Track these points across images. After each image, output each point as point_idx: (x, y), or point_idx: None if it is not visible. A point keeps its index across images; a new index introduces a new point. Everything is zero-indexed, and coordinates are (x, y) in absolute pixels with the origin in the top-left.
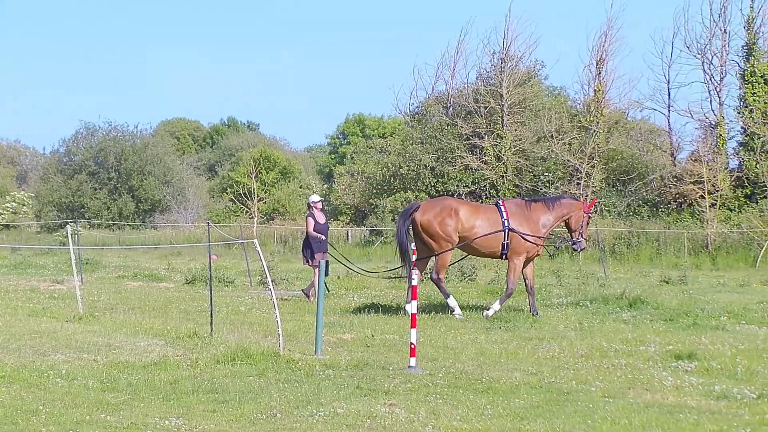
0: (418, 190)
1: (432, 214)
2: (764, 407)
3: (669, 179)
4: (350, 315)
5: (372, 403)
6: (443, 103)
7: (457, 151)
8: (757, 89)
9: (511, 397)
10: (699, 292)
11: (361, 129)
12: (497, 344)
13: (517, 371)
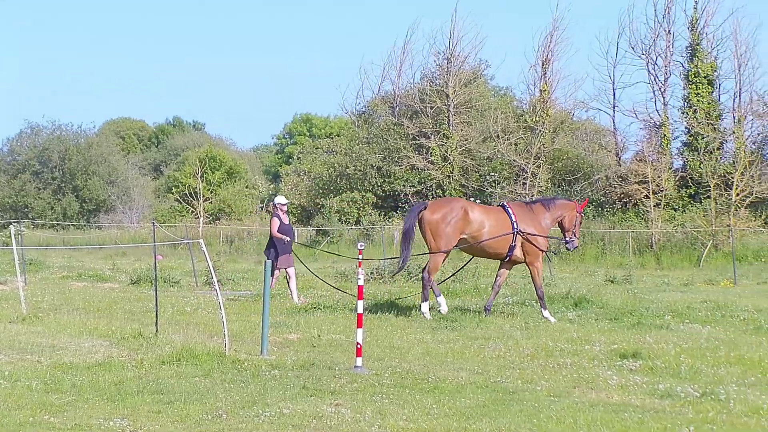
0: (364, 190)
1: (441, 214)
2: (707, 405)
3: (614, 179)
4: (296, 315)
5: (318, 403)
6: (390, 103)
7: (403, 151)
8: (701, 90)
9: (457, 397)
10: (644, 291)
11: (308, 128)
12: (444, 344)
13: (463, 371)
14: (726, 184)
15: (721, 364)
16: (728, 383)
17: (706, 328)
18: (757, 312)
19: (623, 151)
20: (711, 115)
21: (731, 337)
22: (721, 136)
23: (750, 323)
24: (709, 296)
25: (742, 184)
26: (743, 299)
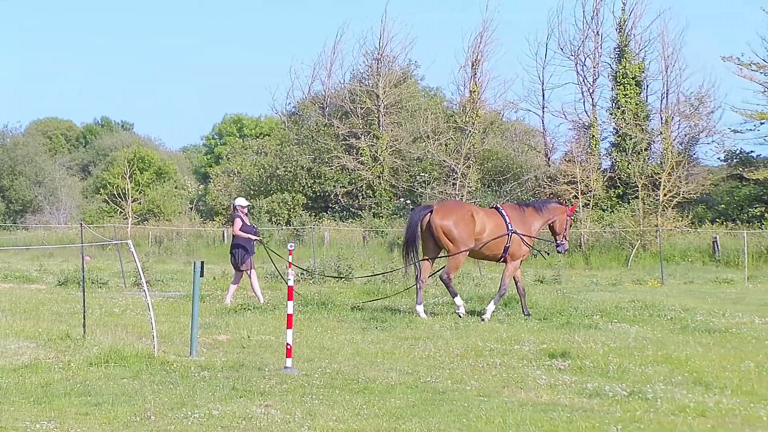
0: (295, 191)
1: (453, 219)
2: (635, 404)
3: (543, 179)
4: (226, 316)
5: (248, 404)
6: (320, 104)
7: (333, 152)
8: (629, 91)
9: (387, 397)
10: (572, 291)
11: (238, 129)
12: (374, 344)
13: (393, 371)
14: (653, 184)
15: (649, 363)
16: (655, 382)
17: (634, 328)
18: (683, 311)
19: (552, 152)
20: (639, 116)
21: (659, 336)
22: (649, 137)
23: (677, 322)
24: (637, 296)
25: (670, 185)
26: (670, 299)
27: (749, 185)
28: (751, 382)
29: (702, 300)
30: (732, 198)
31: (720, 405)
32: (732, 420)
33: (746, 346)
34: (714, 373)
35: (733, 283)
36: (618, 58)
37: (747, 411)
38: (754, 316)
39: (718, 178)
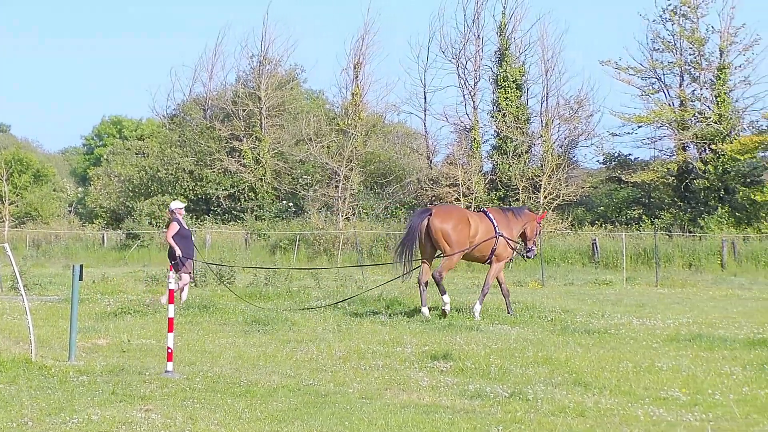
0: (176, 194)
1: (452, 223)
2: (516, 405)
3: (425, 182)
4: (106, 320)
5: (128, 408)
6: (202, 106)
7: (216, 155)
8: (510, 94)
9: (269, 400)
10: (454, 292)
11: (118, 130)
12: (255, 347)
13: (275, 374)
14: (534, 186)
15: (530, 364)
16: (536, 383)
17: (515, 329)
18: (564, 312)
19: (434, 154)
20: (519, 119)
21: (539, 337)
22: (530, 140)
23: (557, 324)
24: (518, 297)
25: (550, 187)
26: (551, 300)
27: (627, 188)
28: (629, 382)
29: (582, 301)
30: (611, 200)
31: (599, 405)
32: (610, 420)
33: (624, 346)
34: (593, 374)
35: (612, 284)
36: (499, 61)
37: (625, 411)
38: (632, 317)
39: (597, 180)
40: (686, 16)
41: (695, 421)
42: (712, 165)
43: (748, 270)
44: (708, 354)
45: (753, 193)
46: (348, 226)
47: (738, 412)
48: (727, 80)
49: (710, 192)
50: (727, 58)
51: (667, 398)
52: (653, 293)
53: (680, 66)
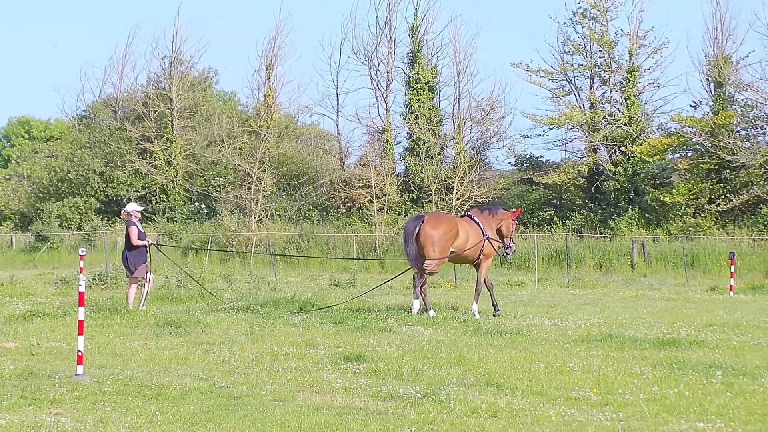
0: (87, 195)
1: (442, 231)
2: (429, 406)
3: (338, 183)
4: (14, 323)
5: (37, 412)
6: (112, 107)
7: (126, 156)
8: (422, 96)
9: (181, 403)
10: (368, 294)
11: (26, 131)
12: (167, 350)
13: (187, 376)
14: (447, 188)
15: (443, 366)
16: (449, 384)
17: (429, 330)
18: (477, 313)
19: (347, 156)
20: (432, 121)
21: (452, 338)
22: (442, 142)
23: (470, 325)
24: (432, 299)
25: (462, 189)
26: (464, 301)
27: (539, 189)
28: (541, 382)
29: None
30: (522, 202)
31: (511, 405)
32: (522, 420)
33: (536, 347)
34: (505, 374)
35: (524, 285)
36: (411, 63)
37: (537, 411)
38: (544, 318)
39: (509, 182)
40: (596, 19)
41: (606, 421)
42: (622, 167)
43: (657, 271)
44: (618, 354)
45: (662, 195)
46: (261, 227)
47: (648, 412)
48: (637, 83)
49: (620, 193)
50: (636, 60)
51: (579, 398)
52: (565, 294)
53: (590, 68)
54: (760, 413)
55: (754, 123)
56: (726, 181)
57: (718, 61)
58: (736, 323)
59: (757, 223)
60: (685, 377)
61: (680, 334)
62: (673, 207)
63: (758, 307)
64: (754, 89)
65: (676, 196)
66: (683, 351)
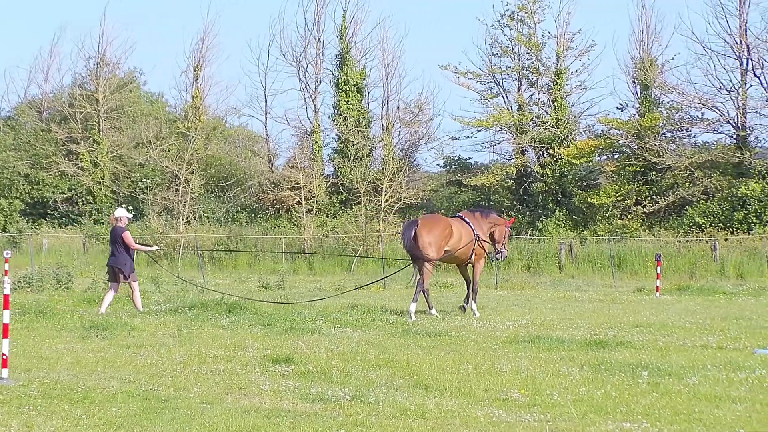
0: (12, 198)
1: (438, 232)
2: (358, 408)
3: (267, 185)
4: None
5: None
6: (38, 108)
7: (52, 158)
8: (351, 97)
9: (107, 406)
10: (296, 296)
11: None
12: (94, 353)
13: (114, 379)
14: (375, 190)
15: (371, 367)
16: (378, 386)
17: (357, 332)
18: (405, 315)
19: (276, 158)
20: (361, 123)
21: (381, 340)
22: (371, 143)
23: (399, 326)
24: (360, 301)
25: (391, 191)
26: (392, 303)
27: (467, 191)
28: (470, 383)
29: (423, 304)
30: (451, 203)
31: (440, 407)
32: (451, 421)
33: (465, 348)
34: (434, 376)
35: (453, 287)
36: (340, 65)
37: (465, 412)
38: (472, 320)
39: (437, 183)
40: (523, 22)
41: (534, 422)
42: (550, 169)
43: (584, 272)
44: (546, 355)
45: (589, 197)
46: (189, 230)
47: (575, 412)
48: (564, 85)
49: (548, 195)
50: (563, 63)
51: (507, 399)
52: (493, 295)
53: (518, 71)
54: (686, 413)
55: (680, 125)
56: (652, 183)
57: (644, 64)
58: (662, 324)
59: (683, 224)
60: (612, 378)
61: (607, 335)
62: (600, 209)
63: (684, 308)
64: (680, 92)
65: (603, 198)
66: (610, 352)
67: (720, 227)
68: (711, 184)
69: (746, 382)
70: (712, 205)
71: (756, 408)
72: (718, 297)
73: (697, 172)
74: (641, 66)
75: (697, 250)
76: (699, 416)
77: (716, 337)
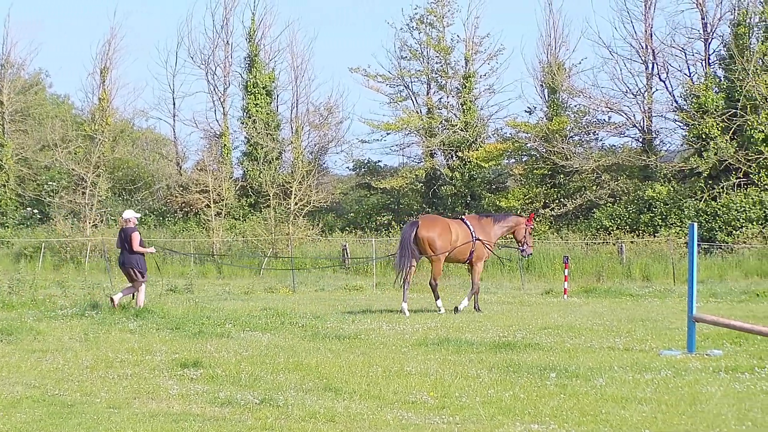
0: None
1: (436, 232)
2: (267, 412)
3: (175, 188)
4: None
5: None
6: None
7: None
8: (260, 100)
9: (12, 412)
10: (205, 300)
11: None
12: None
13: (19, 384)
14: (285, 193)
15: (281, 371)
16: (287, 389)
17: (267, 336)
18: (314, 318)
19: (184, 161)
20: (270, 126)
21: (290, 343)
22: (280, 146)
23: (308, 330)
24: (270, 304)
25: (300, 194)
26: (302, 306)
27: (377, 194)
28: (379, 386)
29: (332, 307)
30: (361, 206)
31: (349, 410)
32: (360, 424)
33: (374, 351)
34: (343, 379)
35: (362, 290)
36: (248, 67)
37: (375, 415)
38: (382, 322)
39: (347, 187)
40: (433, 25)
41: (443, 424)
42: (459, 172)
43: (493, 274)
44: (455, 357)
45: (498, 200)
46: (96, 233)
47: (484, 414)
48: (473, 88)
49: (457, 198)
50: (472, 66)
51: (416, 402)
52: None
53: (427, 74)
54: (593, 414)
55: (587, 129)
56: (560, 186)
57: (552, 68)
58: (569, 326)
59: (590, 227)
60: (520, 380)
61: (516, 337)
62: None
63: (591, 310)
64: (587, 95)
65: (511, 201)
66: (518, 354)
67: (626, 230)
68: (618, 187)
69: (652, 383)
70: (619, 207)
71: (662, 408)
72: (625, 299)
73: (604, 175)
74: (549, 70)
75: (604, 252)
76: (606, 417)
77: (623, 339)
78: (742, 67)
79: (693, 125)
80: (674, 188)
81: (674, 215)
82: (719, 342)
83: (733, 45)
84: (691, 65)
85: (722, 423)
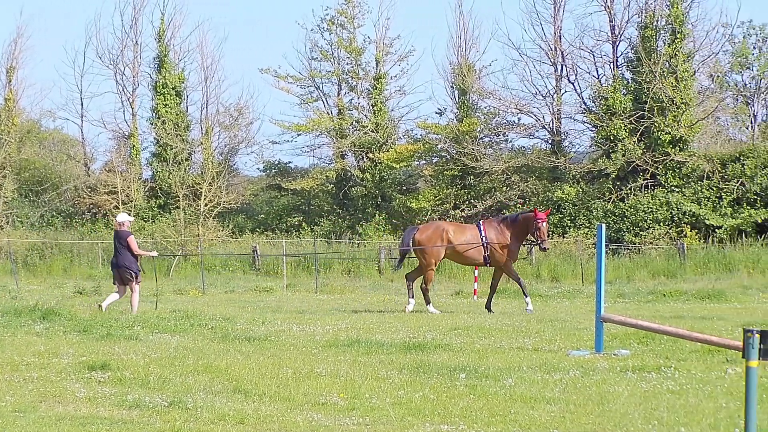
0: None
1: (425, 237)
2: (176, 414)
3: (83, 189)
4: None
5: None
6: None
7: None
8: (169, 101)
9: None
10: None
11: None
12: None
13: None
14: (195, 194)
15: (190, 373)
16: (196, 392)
17: (176, 338)
18: (224, 320)
19: (92, 162)
20: (179, 126)
21: (200, 345)
22: (190, 147)
23: (218, 331)
24: (179, 306)
25: (210, 195)
26: (211, 308)
27: (287, 195)
28: (289, 388)
29: (242, 309)
30: (271, 208)
31: (258, 412)
32: (270, 426)
33: (285, 353)
34: (253, 381)
35: (272, 291)
36: (158, 68)
37: (284, 417)
38: (292, 324)
39: (257, 188)
40: (344, 26)
41: (353, 425)
42: (370, 173)
43: (402, 276)
44: (366, 359)
45: (409, 201)
46: (2, 234)
47: (394, 415)
48: (384, 90)
49: (368, 199)
50: (383, 68)
51: (326, 403)
52: (313, 300)
53: (338, 75)
54: (502, 414)
55: (497, 130)
56: (470, 187)
57: (462, 69)
58: (479, 327)
59: None
60: (430, 381)
61: (426, 338)
62: (419, 212)
63: (500, 310)
64: (497, 97)
65: (422, 202)
66: (428, 354)
67: None
68: (527, 188)
69: (561, 383)
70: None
71: (570, 408)
72: (534, 300)
73: (514, 177)
74: (459, 71)
75: None
76: (515, 417)
77: (532, 340)
78: (650, 69)
79: (601, 127)
80: (583, 189)
81: (583, 216)
82: (627, 342)
83: (641, 48)
84: (599, 67)
85: (629, 422)
